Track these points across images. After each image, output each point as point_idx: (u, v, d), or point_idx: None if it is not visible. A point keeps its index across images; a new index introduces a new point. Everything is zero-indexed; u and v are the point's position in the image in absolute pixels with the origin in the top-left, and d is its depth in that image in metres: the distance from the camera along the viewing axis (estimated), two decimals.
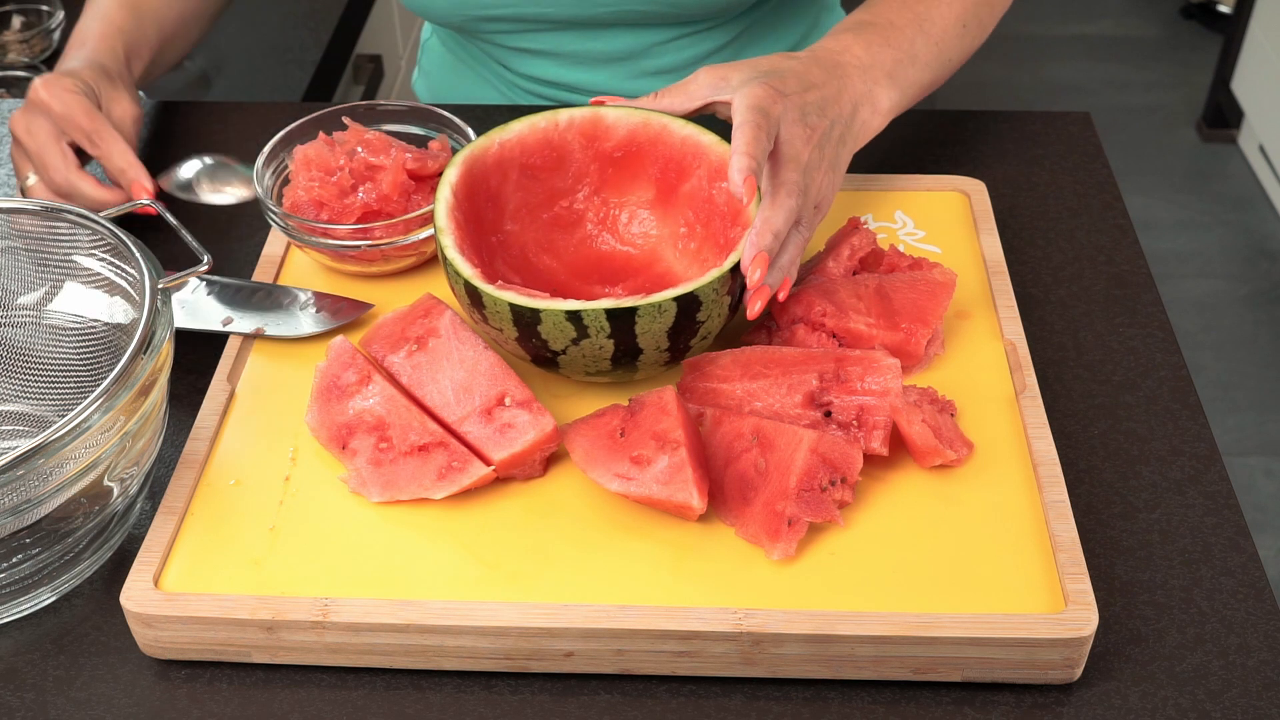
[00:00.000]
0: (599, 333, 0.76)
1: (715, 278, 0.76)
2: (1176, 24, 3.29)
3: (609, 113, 0.86)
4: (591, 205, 0.89)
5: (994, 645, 0.68)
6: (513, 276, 0.87)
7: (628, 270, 0.89)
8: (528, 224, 0.88)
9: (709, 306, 0.77)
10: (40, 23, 1.86)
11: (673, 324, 0.76)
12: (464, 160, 0.84)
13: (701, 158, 0.85)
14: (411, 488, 0.76)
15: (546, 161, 0.87)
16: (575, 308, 0.75)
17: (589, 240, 0.90)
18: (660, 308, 0.75)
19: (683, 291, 0.75)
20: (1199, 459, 0.82)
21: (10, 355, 0.84)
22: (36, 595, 0.74)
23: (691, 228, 0.87)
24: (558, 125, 0.87)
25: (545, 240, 0.89)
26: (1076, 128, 1.11)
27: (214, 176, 0.98)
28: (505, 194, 0.87)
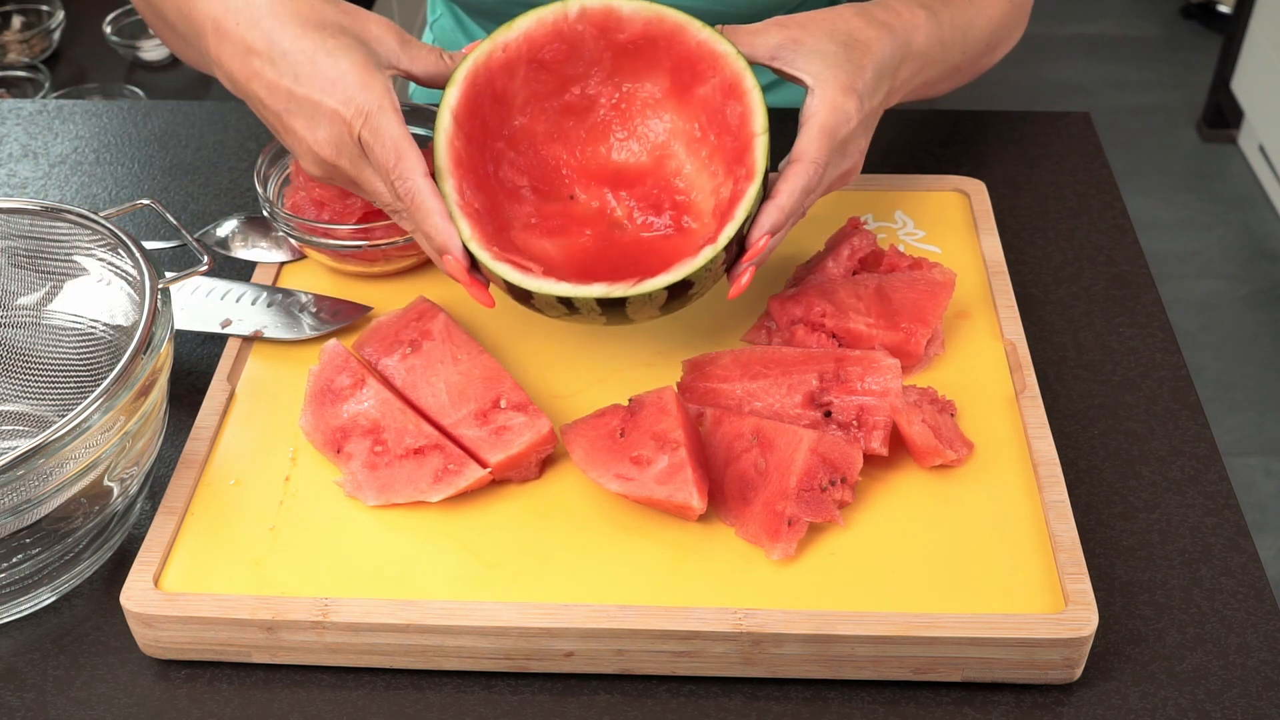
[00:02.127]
0: (590, 312, 0.76)
1: (708, 259, 0.75)
2: (1176, 24, 3.29)
3: (624, 4, 0.82)
4: (604, 91, 0.86)
5: (994, 645, 0.68)
6: (520, 180, 0.84)
7: (639, 170, 0.86)
8: (537, 114, 0.85)
9: (702, 282, 0.77)
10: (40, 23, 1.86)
11: (665, 302, 0.77)
12: (464, 76, 0.80)
13: (717, 67, 0.81)
14: (407, 491, 0.76)
15: (557, 54, 0.83)
16: (567, 294, 0.74)
17: (600, 127, 0.86)
18: (650, 296, 0.75)
19: (675, 279, 0.75)
20: (1199, 459, 0.82)
21: (10, 355, 0.84)
22: (36, 595, 0.74)
23: (705, 133, 0.84)
24: (568, 16, 0.82)
25: (556, 129, 0.86)
26: (1076, 128, 1.12)
27: (248, 233, 0.97)
28: (512, 90, 0.84)
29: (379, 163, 0.75)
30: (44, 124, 1.15)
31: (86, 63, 1.87)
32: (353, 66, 0.75)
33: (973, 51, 0.94)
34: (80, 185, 1.08)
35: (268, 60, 0.76)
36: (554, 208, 0.85)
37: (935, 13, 0.89)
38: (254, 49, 0.77)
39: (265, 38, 0.76)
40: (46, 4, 1.88)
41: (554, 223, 0.84)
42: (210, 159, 1.10)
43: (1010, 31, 0.98)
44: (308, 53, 0.75)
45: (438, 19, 1.30)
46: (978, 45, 0.94)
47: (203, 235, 0.96)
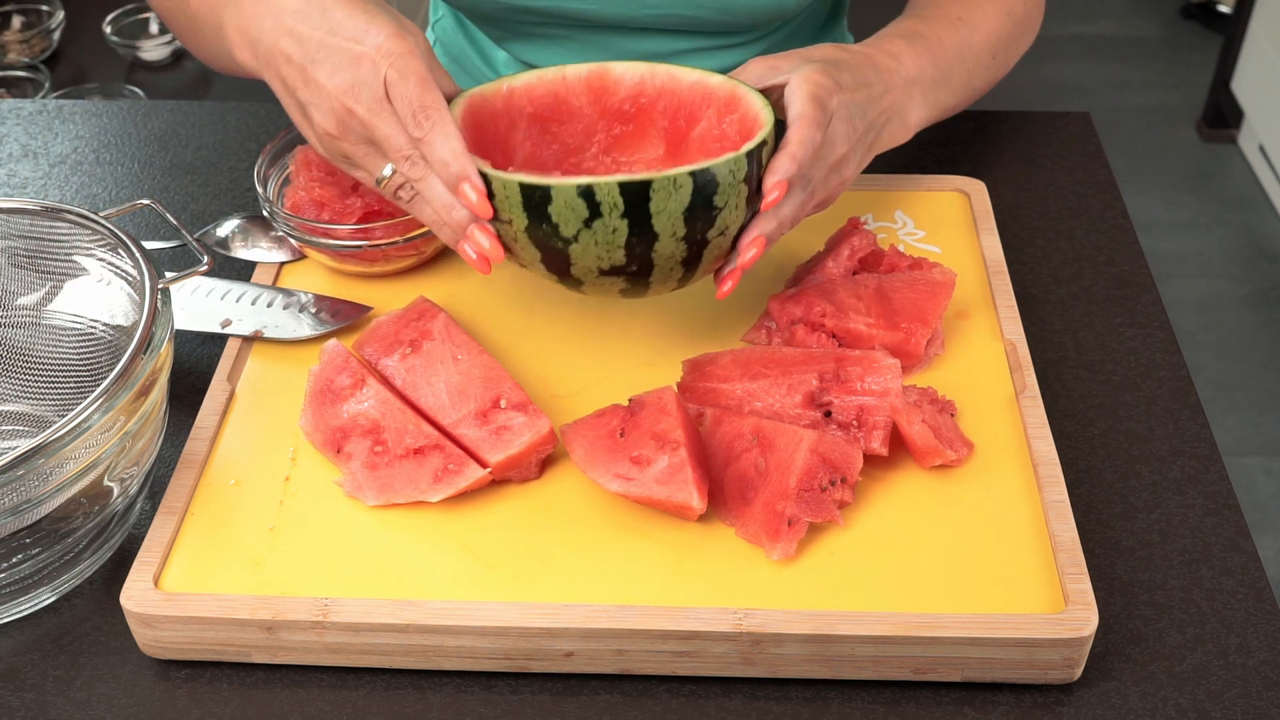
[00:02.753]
0: (612, 210, 0.73)
1: (731, 159, 0.74)
2: (1176, 24, 3.28)
3: (615, 66, 0.84)
4: (601, 164, 0.87)
5: (994, 645, 0.68)
6: None
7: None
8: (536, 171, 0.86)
9: (725, 191, 0.74)
10: (40, 23, 1.86)
11: (688, 204, 0.74)
12: (467, 101, 0.81)
13: (710, 98, 0.83)
14: (407, 491, 0.76)
15: (555, 114, 0.85)
16: (587, 182, 0.72)
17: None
18: (676, 182, 0.73)
19: (699, 167, 0.73)
20: (1199, 459, 0.82)
21: (10, 355, 0.84)
22: (36, 595, 0.74)
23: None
24: (564, 79, 0.85)
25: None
26: (1076, 128, 1.12)
27: (247, 234, 0.97)
28: (514, 142, 0.85)
29: (402, 97, 0.76)
30: (44, 124, 1.15)
31: (86, 63, 1.87)
32: (387, 22, 0.78)
33: (977, 67, 0.96)
34: (80, 185, 1.08)
35: (303, 16, 0.79)
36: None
37: (917, 38, 0.92)
38: (289, 8, 0.79)
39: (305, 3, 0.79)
40: (46, 4, 1.88)
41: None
42: (210, 159, 1.10)
43: (1015, 43, 1.00)
44: (345, 9, 0.78)
45: (439, 19, 1.30)
46: (981, 60, 0.96)
47: (203, 235, 0.96)
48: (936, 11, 0.96)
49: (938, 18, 0.95)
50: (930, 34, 0.93)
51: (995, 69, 0.98)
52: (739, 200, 0.76)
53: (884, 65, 0.88)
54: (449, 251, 0.95)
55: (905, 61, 0.90)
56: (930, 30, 0.93)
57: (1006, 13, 0.98)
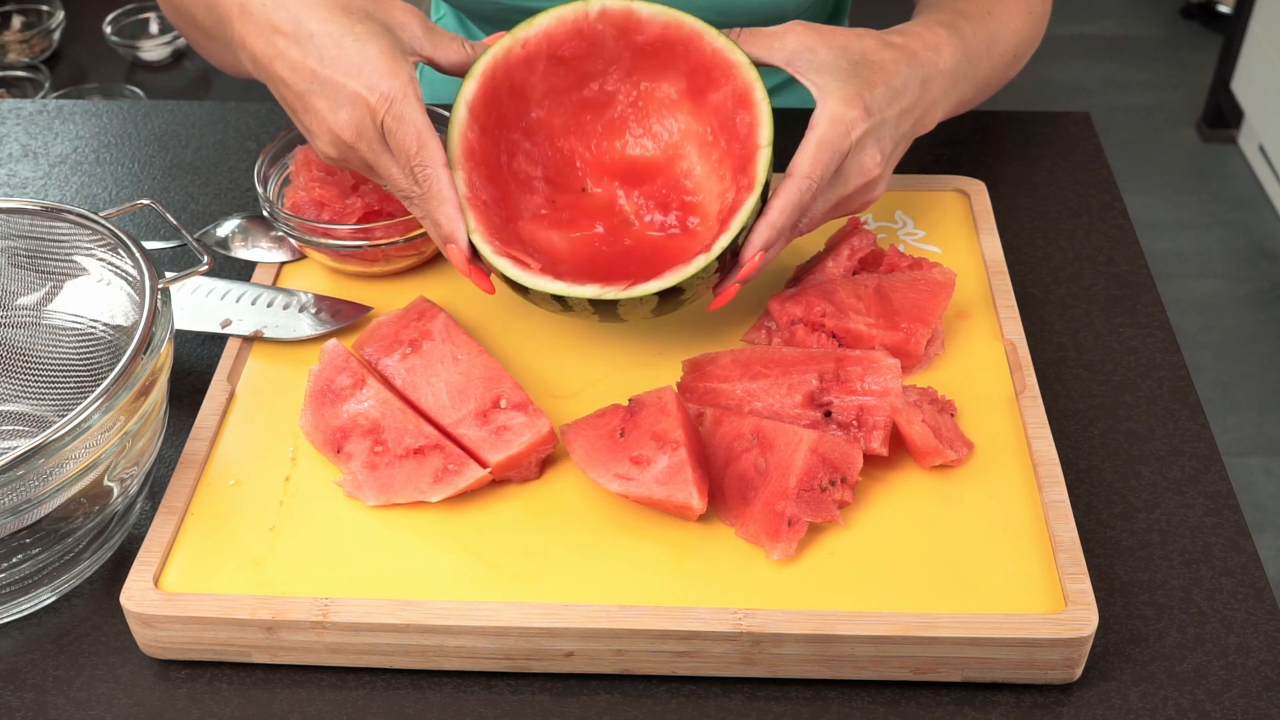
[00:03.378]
0: (583, 311, 0.79)
1: (700, 268, 0.76)
2: (1176, 24, 3.28)
3: (643, 7, 0.84)
4: (622, 88, 0.87)
5: (994, 645, 0.68)
6: (534, 171, 0.86)
7: (651, 167, 0.87)
8: (555, 108, 0.87)
9: (693, 288, 0.78)
10: (40, 23, 1.86)
11: (656, 305, 0.78)
12: (483, 69, 0.82)
13: (730, 75, 0.82)
14: (407, 491, 0.76)
15: (577, 51, 0.85)
16: (561, 292, 0.77)
17: (617, 123, 0.88)
18: (642, 299, 0.77)
19: (666, 285, 0.76)
20: (1199, 459, 0.82)
21: (10, 355, 0.84)
22: (36, 595, 0.74)
23: (716, 138, 0.85)
24: (588, 15, 0.84)
25: (573, 122, 0.87)
26: (1076, 128, 1.12)
27: (248, 233, 0.97)
28: (531, 84, 0.85)
29: (400, 149, 0.76)
30: (44, 124, 1.15)
31: (86, 63, 1.87)
32: (379, 52, 0.76)
33: (999, 64, 0.94)
34: (80, 185, 1.08)
35: (293, 40, 0.77)
36: (566, 199, 0.87)
37: (956, 29, 0.89)
38: (280, 29, 0.77)
39: (292, 19, 0.77)
40: (46, 4, 1.88)
41: (565, 214, 0.86)
42: (210, 159, 1.10)
43: (1032, 41, 0.99)
44: (334, 36, 0.76)
45: (441, 18, 1.30)
46: (1004, 58, 0.94)
47: (203, 235, 0.96)
48: (967, 5, 0.93)
49: (971, 12, 0.92)
50: (966, 27, 0.90)
51: (1013, 66, 0.97)
52: (708, 283, 0.80)
53: (924, 59, 0.85)
54: None
55: (944, 54, 0.87)
56: (966, 23, 0.91)
57: (1028, 9, 0.97)
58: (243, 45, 0.81)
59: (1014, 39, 0.95)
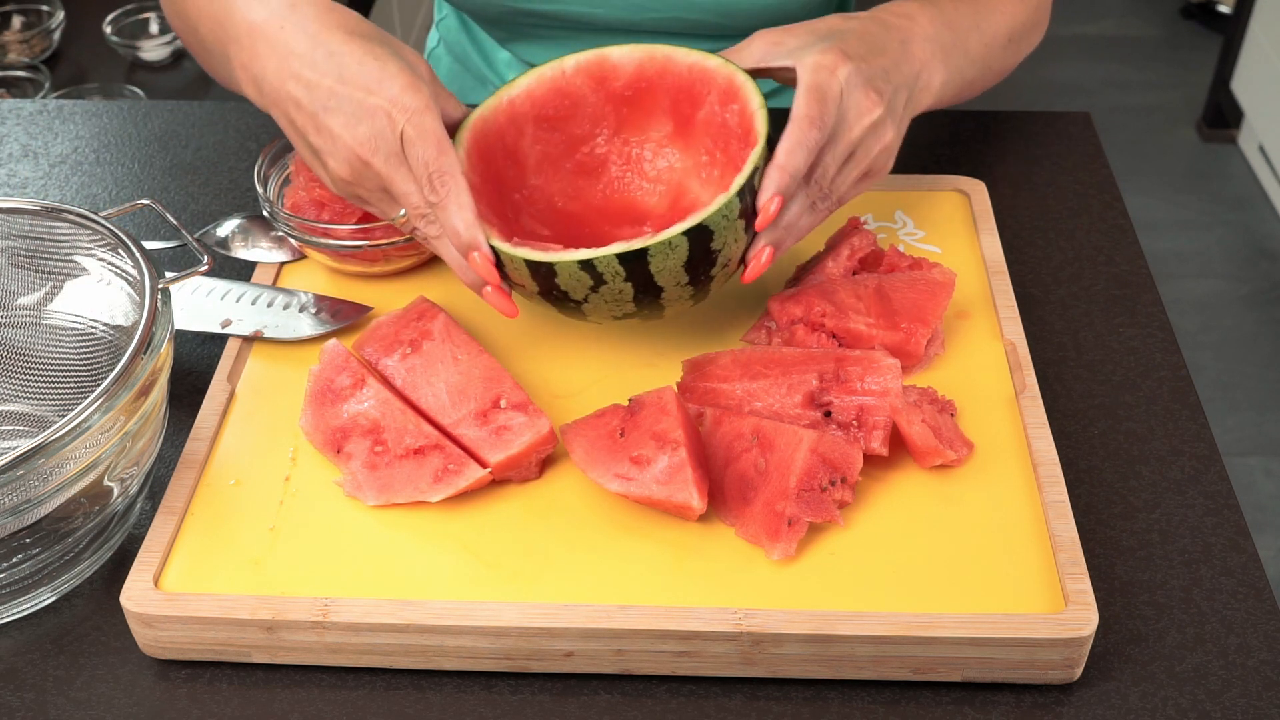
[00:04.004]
0: (615, 277, 0.76)
1: (722, 204, 0.75)
2: (1176, 24, 3.28)
3: (613, 51, 0.85)
4: (614, 147, 0.88)
5: (994, 645, 0.68)
6: (542, 230, 0.86)
7: (656, 209, 0.88)
8: (552, 176, 0.88)
9: (722, 234, 0.76)
10: (40, 23, 1.86)
11: (687, 258, 0.76)
12: (471, 125, 0.83)
13: (710, 82, 0.83)
14: (407, 491, 0.76)
15: (560, 110, 0.86)
16: (587, 256, 0.75)
17: (615, 183, 0.88)
18: (671, 244, 0.75)
19: (691, 224, 0.75)
20: (1199, 459, 0.82)
21: (10, 355, 0.84)
22: (36, 595, 0.74)
23: (712, 155, 0.85)
24: (564, 72, 0.85)
25: (572, 189, 0.88)
26: (1076, 128, 1.12)
27: (248, 233, 0.97)
28: (523, 149, 0.86)
29: (418, 159, 0.76)
30: (44, 124, 1.15)
31: (86, 63, 1.87)
32: (399, 70, 0.77)
33: (994, 44, 0.93)
34: (80, 185, 1.08)
35: (309, 62, 0.77)
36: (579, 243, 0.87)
37: (933, 2, 0.89)
38: (295, 51, 0.78)
39: (310, 40, 0.78)
40: (46, 4, 1.88)
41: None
42: (210, 159, 1.10)
43: (1030, 31, 0.98)
44: (355, 55, 0.77)
45: (444, 18, 1.30)
46: (998, 37, 0.94)
47: (203, 235, 0.96)
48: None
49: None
50: (945, 3, 0.90)
51: (1011, 53, 0.97)
52: (737, 234, 0.78)
53: (896, 25, 0.85)
54: None
55: (920, 20, 0.87)
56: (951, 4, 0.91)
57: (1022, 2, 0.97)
58: (246, 68, 0.80)
59: (1006, 20, 0.94)
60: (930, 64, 0.87)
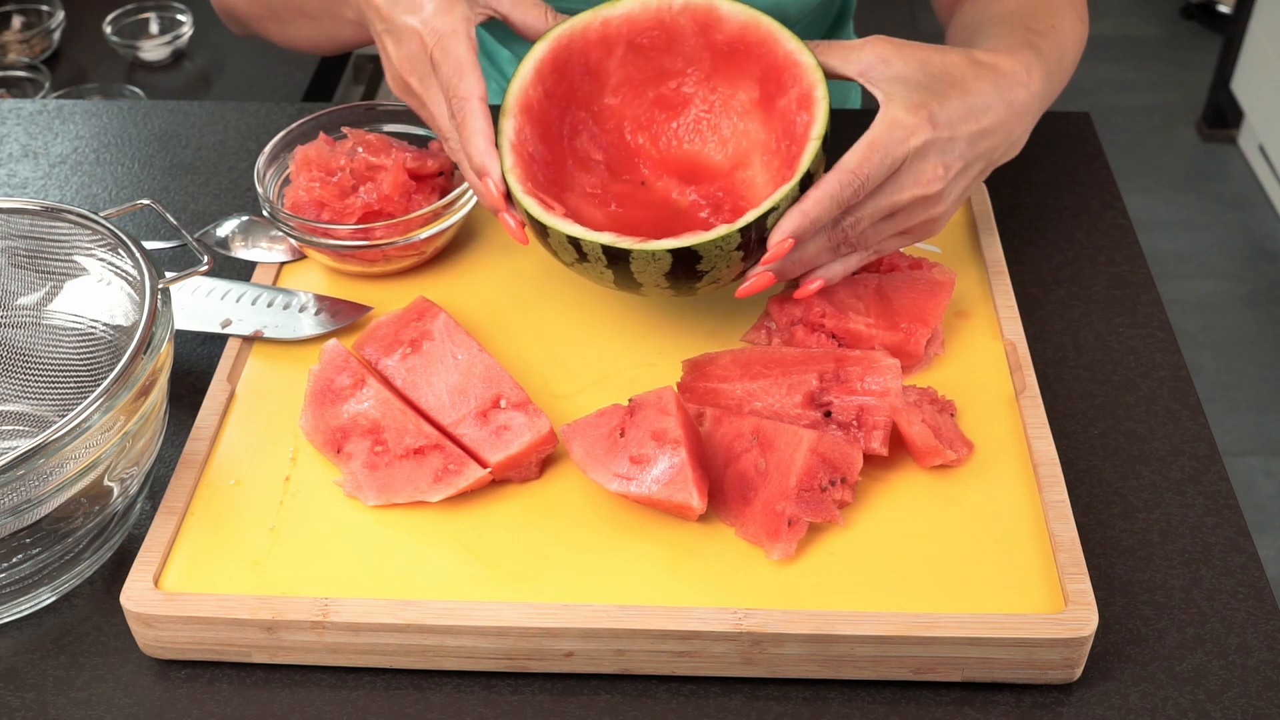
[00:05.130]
0: (597, 261, 0.78)
1: (718, 236, 0.75)
2: (1176, 24, 3.28)
3: (723, 4, 0.84)
4: (701, 91, 0.87)
5: (994, 645, 0.68)
6: (595, 154, 0.86)
7: (714, 171, 0.87)
8: (631, 99, 0.87)
9: (712, 259, 0.77)
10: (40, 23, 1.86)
11: (669, 270, 0.77)
12: (554, 37, 0.83)
13: (797, 79, 0.81)
14: (407, 491, 0.76)
15: (657, 42, 0.85)
16: (576, 234, 0.77)
17: (689, 128, 0.88)
18: (654, 255, 0.76)
19: (679, 245, 0.75)
20: (1199, 459, 0.82)
21: (10, 355, 0.84)
22: (36, 595, 0.74)
23: (780, 143, 0.84)
24: (670, 7, 0.84)
25: (647, 118, 0.88)
26: (1076, 128, 1.12)
27: (248, 233, 0.97)
28: (608, 69, 0.86)
29: (443, 80, 0.80)
30: (44, 124, 1.15)
31: (86, 63, 1.87)
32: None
33: (1067, 79, 0.90)
34: (80, 185, 1.08)
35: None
36: (621, 188, 0.87)
37: (1038, 51, 0.84)
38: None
39: None
40: (46, 4, 1.88)
41: (616, 199, 0.86)
42: (210, 159, 1.10)
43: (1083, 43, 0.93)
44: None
45: None
46: (1070, 71, 0.90)
47: (203, 235, 0.96)
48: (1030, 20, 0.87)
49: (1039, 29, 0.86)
50: (1041, 44, 0.85)
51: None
52: (731, 262, 0.78)
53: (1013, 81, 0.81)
54: (449, 251, 0.95)
55: (1035, 77, 0.82)
56: (1040, 39, 0.85)
57: (1079, 17, 0.92)
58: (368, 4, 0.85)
59: (1075, 52, 0.90)
60: (1028, 132, 0.84)
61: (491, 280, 0.93)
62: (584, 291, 0.91)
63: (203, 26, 1.87)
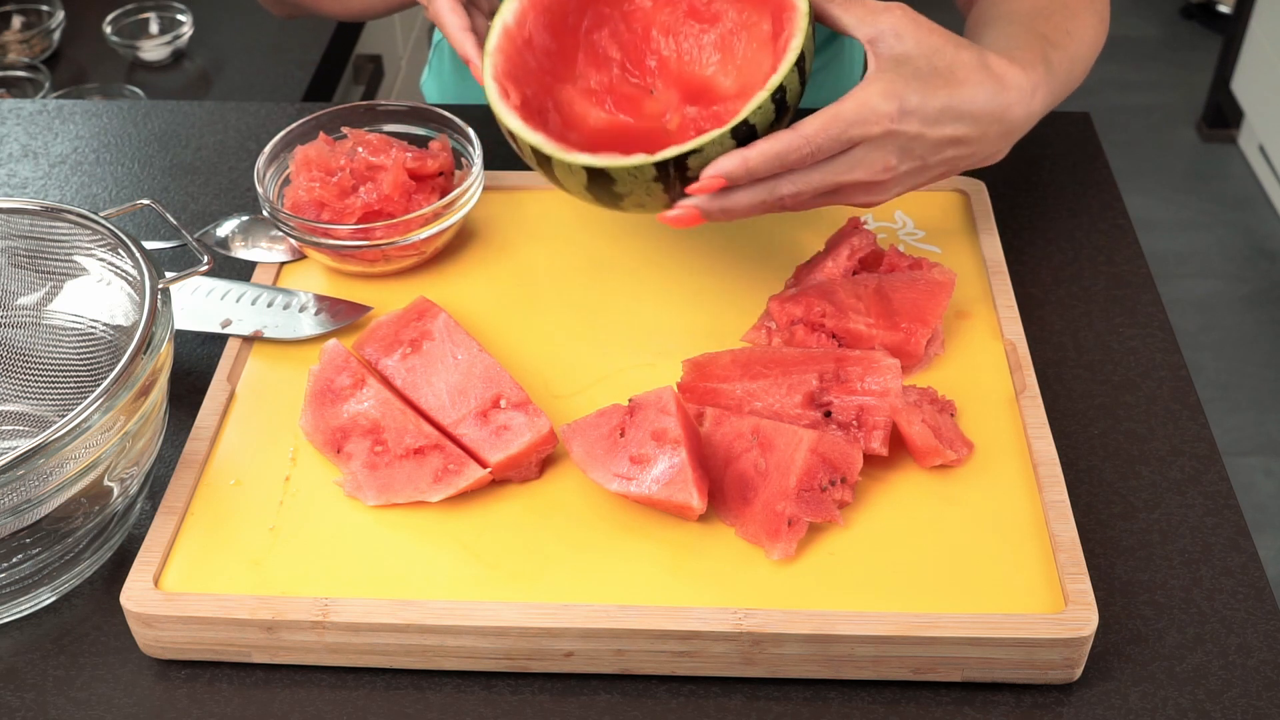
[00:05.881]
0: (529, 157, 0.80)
1: (631, 165, 0.76)
2: (1176, 24, 3.29)
3: None
4: (732, 11, 0.85)
5: (994, 645, 0.68)
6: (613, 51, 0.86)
7: (719, 94, 0.86)
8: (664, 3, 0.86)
9: (627, 184, 0.77)
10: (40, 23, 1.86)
11: (587, 184, 0.78)
12: None
13: (789, 21, 0.79)
14: (407, 491, 0.76)
15: None
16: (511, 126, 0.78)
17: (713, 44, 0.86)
18: (571, 168, 0.78)
19: (594, 164, 0.76)
20: (1199, 459, 0.82)
21: (10, 355, 0.84)
22: (36, 595, 0.74)
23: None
24: None
25: (675, 26, 0.86)
26: (1076, 128, 1.12)
27: (248, 233, 0.97)
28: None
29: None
30: (44, 124, 1.15)
31: (86, 63, 1.86)
32: None
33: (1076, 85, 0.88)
34: (80, 185, 1.08)
35: None
36: (627, 89, 0.87)
37: (1051, 66, 0.83)
38: None
39: None
40: (46, 4, 1.88)
41: (616, 100, 0.86)
42: (210, 159, 1.10)
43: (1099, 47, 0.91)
44: None
45: (441, 41, 1.31)
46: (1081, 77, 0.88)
47: (203, 235, 0.96)
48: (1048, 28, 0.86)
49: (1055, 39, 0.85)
50: (1055, 56, 0.83)
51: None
52: (650, 191, 0.77)
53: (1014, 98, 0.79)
54: (449, 251, 0.95)
55: (1039, 97, 0.81)
56: (1054, 51, 0.84)
57: (1099, 18, 0.90)
58: None
59: (1089, 59, 0.88)
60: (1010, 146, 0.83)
61: (491, 280, 0.93)
62: (584, 292, 0.91)
63: (203, 26, 1.87)
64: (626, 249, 0.95)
